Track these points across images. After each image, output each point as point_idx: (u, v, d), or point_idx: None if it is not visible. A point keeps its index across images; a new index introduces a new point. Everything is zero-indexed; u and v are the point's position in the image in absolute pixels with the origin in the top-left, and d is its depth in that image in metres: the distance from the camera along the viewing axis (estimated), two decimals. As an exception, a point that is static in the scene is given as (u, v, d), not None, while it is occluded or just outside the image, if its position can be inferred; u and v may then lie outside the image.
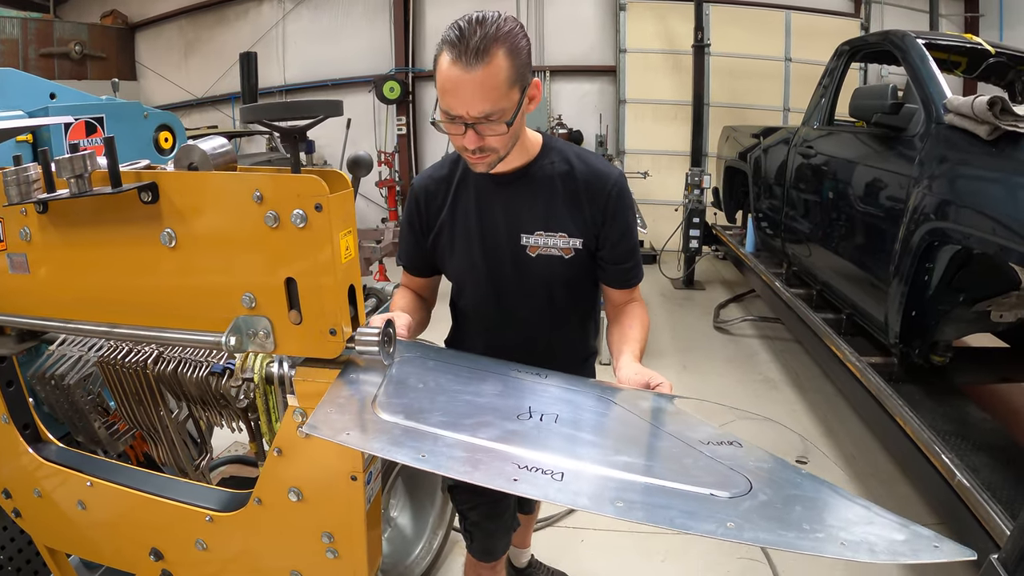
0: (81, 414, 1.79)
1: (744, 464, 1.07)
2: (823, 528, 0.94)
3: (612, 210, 1.63)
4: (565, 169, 1.63)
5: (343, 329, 1.17)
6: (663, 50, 8.70)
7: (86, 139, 2.58)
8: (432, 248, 1.74)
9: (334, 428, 1.07)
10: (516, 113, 1.42)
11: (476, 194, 1.66)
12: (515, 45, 1.37)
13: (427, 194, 1.70)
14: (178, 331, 1.27)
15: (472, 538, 1.96)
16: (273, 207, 1.12)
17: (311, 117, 1.28)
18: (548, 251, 1.64)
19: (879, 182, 3.22)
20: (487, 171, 1.55)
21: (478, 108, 1.38)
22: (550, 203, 1.63)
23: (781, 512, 0.96)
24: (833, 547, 0.90)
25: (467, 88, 1.35)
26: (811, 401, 4.40)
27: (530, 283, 1.69)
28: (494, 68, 1.34)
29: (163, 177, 1.20)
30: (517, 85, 1.40)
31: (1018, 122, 2.23)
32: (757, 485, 1.00)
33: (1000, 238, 2.17)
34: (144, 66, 10.82)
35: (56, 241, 1.33)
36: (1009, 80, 3.94)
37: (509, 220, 1.65)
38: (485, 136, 1.43)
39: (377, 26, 9.59)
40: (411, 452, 1.02)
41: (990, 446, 2.47)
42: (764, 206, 5.33)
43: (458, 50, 1.34)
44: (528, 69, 1.43)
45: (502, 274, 1.69)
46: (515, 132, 1.49)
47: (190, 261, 1.22)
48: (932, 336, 2.90)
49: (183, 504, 1.45)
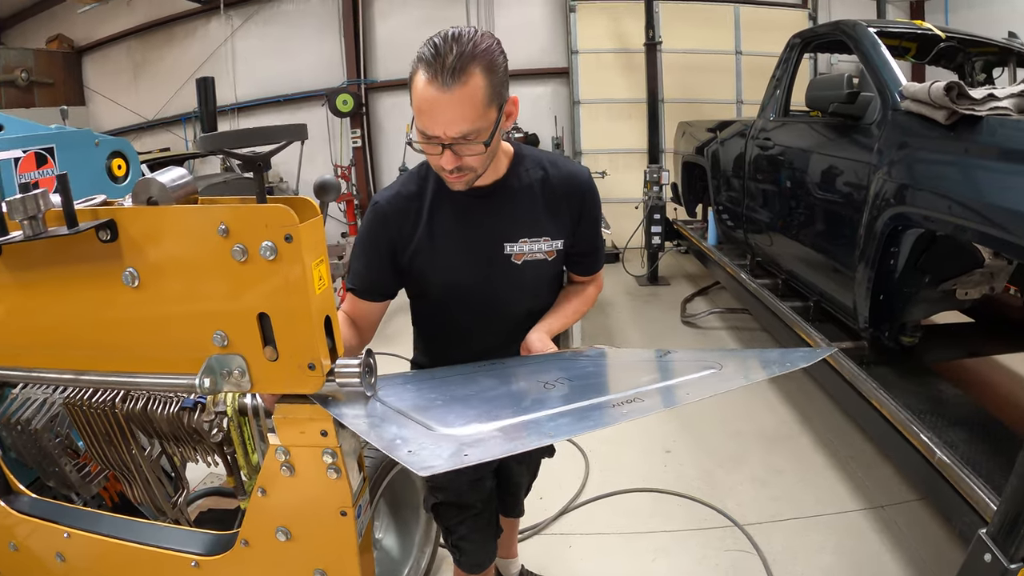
0: (50, 458, 1.73)
1: (697, 357, 1.44)
2: (759, 369, 1.48)
3: (587, 207, 1.72)
4: (541, 175, 1.66)
5: (322, 363, 1.13)
6: (615, 49, 8.73)
7: (36, 171, 2.50)
8: (406, 268, 1.67)
9: (433, 459, 0.99)
10: (494, 132, 1.41)
11: (455, 209, 1.63)
12: (492, 62, 1.36)
13: (398, 213, 1.64)
14: (149, 375, 1.22)
15: (461, 552, 1.96)
16: (240, 240, 1.08)
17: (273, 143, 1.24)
18: (533, 256, 1.67)
19: (839, 170, 3.26)
20: (465, 188, 1.53)
21: (455, 129, 1.36)
22: (531, 210, 1.65)
23: (741, 371, 1.40)
24: (776, 368, 1.40)
25: (444, 109, 1.33)
26: (784, 389, 4.45)
27: (516, 291, 1.72)
28: (471, 88, 1.32)
29: (121, 213, 1.15)
30: (495, 104, 1.39)
31: (975, 106, 2.27)
32: (721, 363, 1.36)
33: (963, 220, 2.20)
34: (93, 90, 10.56)
35: (11, 285, 1.26)
36: (958, 63, 4.03)
37: (492, 231, 1.64)
38: (463, 156, 1.42)
39: (327, 39, 9.49)
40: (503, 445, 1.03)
41: (965, 421, 2.51)
42: (724, 199, 5.37)
43: (434, 69, 1.32)
44: (505, 86, 1.42)
45: (489, 285, 1.69)
46: (493, 150, 1.48)
47: (155, 301, 1.17)
48: (900, 318, 2.94)
49: (167, 551, 1.40)
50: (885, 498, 3.19)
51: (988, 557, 1.63)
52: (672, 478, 3.49)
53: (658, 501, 3.31)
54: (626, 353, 1.60)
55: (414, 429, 1.08)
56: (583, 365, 1.54)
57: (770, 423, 4.04)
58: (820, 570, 2.74)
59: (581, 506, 3.31)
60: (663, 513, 3.21)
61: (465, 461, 0.96)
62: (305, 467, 1.22)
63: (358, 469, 1.28)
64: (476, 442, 1.03)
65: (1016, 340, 3.38)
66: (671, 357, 1.54)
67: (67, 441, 1.76)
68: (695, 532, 3.05)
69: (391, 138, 9.63)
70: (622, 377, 1.48)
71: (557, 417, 1.12)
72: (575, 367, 1.51)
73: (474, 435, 1.06)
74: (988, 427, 2.46)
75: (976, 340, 3.50)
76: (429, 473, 0.94)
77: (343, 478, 1.21)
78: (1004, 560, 1.60)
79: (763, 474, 3.49)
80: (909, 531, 2.92)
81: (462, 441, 1.03)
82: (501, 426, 1.09)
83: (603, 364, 1.57)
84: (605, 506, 3.31)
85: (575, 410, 1.15)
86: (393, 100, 9.58)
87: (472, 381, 1.45)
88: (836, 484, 3.36)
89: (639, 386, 1.28)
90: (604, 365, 1.57)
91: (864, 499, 3.20)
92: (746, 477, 3.47)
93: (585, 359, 1.60)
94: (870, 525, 3.00)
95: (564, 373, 1.41)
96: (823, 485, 3.36)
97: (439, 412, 1.17)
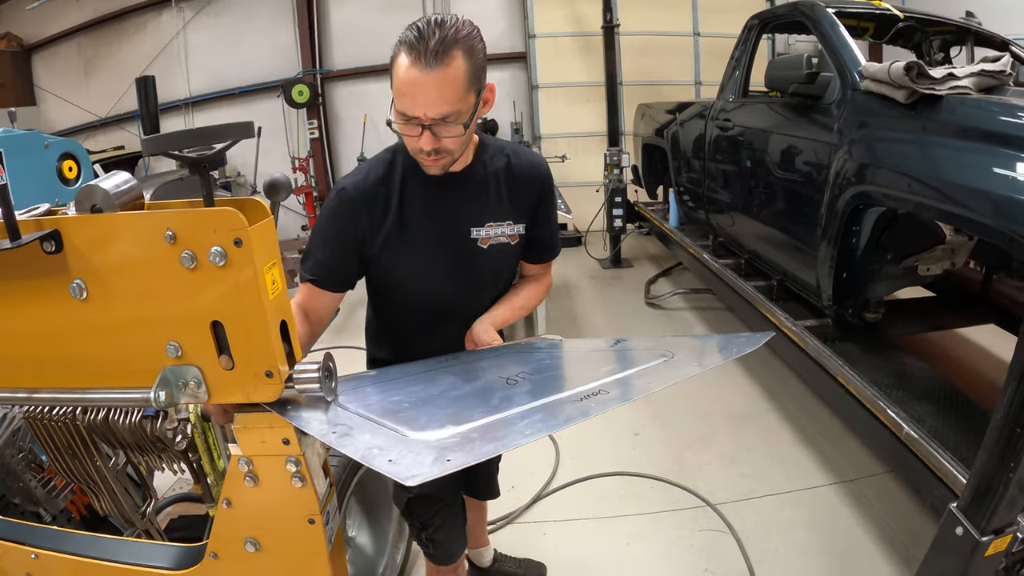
0: (14, 475, 1.68)
1: (649, 346, 1.51)
2: (710, 355, 1.54)
3: (544, 194, 1.80)
4: (504, 163, 1.73)
5: (279, 369, 1.10)
6: (572, 33, 8.69)
7: (-16, 177, 2.41)
8: (375, 255, 1.66)
9: (417, 467, 0.97)
10: (472, 115, 1.46)
11: (424, 194, 1.64)
12: (472, 48, 1.40)
13: (367, 200, 1.61)
14: (103, 391, 1.18)
15: (435, 545, 1.97)
16: (188, 246, 1.04)
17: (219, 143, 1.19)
18: (498, 239, 1.73)
19: (800, 150, 3.28)
20: (440, 173, 1.57)
21: (436, 109, 1.39)
22: (496, 195, 1.71)
23: (694, 358, 1.43)
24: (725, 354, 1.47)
25: (425, 90, 1.37)
26: (750, 367, 4.49)
27: (482, 273, 1.77)
28: (453, 70, 1.36)
29: (65, 223, 1.10)
30: (473, 88, 1.43)
31: (935, 85, 2.29)
32: (672, 351, 1.41)
33: (924, 198, 2.22)
34: (43, 89, 10.23)
35: (-47, 302, 1.21)
36: (916, 43, 4.07)
37: (460, 216, 1.69)
38: (441, 138, 1.45)
39: (282, 29, 9.29)
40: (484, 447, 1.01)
41: (931, 394, 2.55)
42: (685, 180, 5.40)
43: (417, 51, 1.35)
44: (483, 72, 1.46)
45: (458, 269, 1.73)
46: (470, 134, 1.53)
47: (105, 313, 1.12)
48: (864, 295, 2.98)
49: (135, 567, 1.37)
50: (854, 472, 3.24)
51: (960, 530, 1.66)
52: (642, 461, 3.51)
53: (630, 484, 3.33)
54: (580, 343, 1.60)
55: (387, 436, 1.06)
56: (540, 358, 1.55)
57: (737, 402, 4.08)
58: (793, 546, 2.78)
59: (553, 493, 3.31)
60: (635, 496, 3.23)
61: (448, 467, 0.95)
62: (269, 477, 1.20)
63: (324, 475, 1.25)
64: (456, 446, 1.01)
65: (977, 313, 3.46)
66: (625, 346, 1.56)
67: (30, 456, 1.71)
68: (668, 514, 3.07)
69: (349, 128, 9.50)
70: (581, 369, 1.48)
71: (530, 414, 1.11)
72: (533, 360, 1.52)
73: (452, 438, 1.04)
74: (954, 400, 2.51)
75: (938, 314, 3.57)
76: (416, 482, 0.92)
77: (308, 486, 1.19)
78: (975, 533, 1.62)
79: (732, 453, 3.53)
80: (879, 504, 2.98)
81: (442, 446, 1.02)
82: (476, 427, 1.08)
83: (560, 357, 1.57)
84: (577, 492, 3.32)
85: (545, 406, 1.15)
86: (350, 89, 9.44)
87: (432, 380, 1.44)
88: (805, 460, 3.40)
89: (600, 377, 1.29)
90: (561, 358, 1.57)
91: (834, 473, 3.25)
92: (715, 457, 3.50)
93: (541, 352, 1.61)
94: (840, 499, 3.05)
95: (524, 367, 1.42)
96: (792, 461, 3.40)
97: (409, 415, 1.14)
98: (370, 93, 9.28)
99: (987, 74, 2.36)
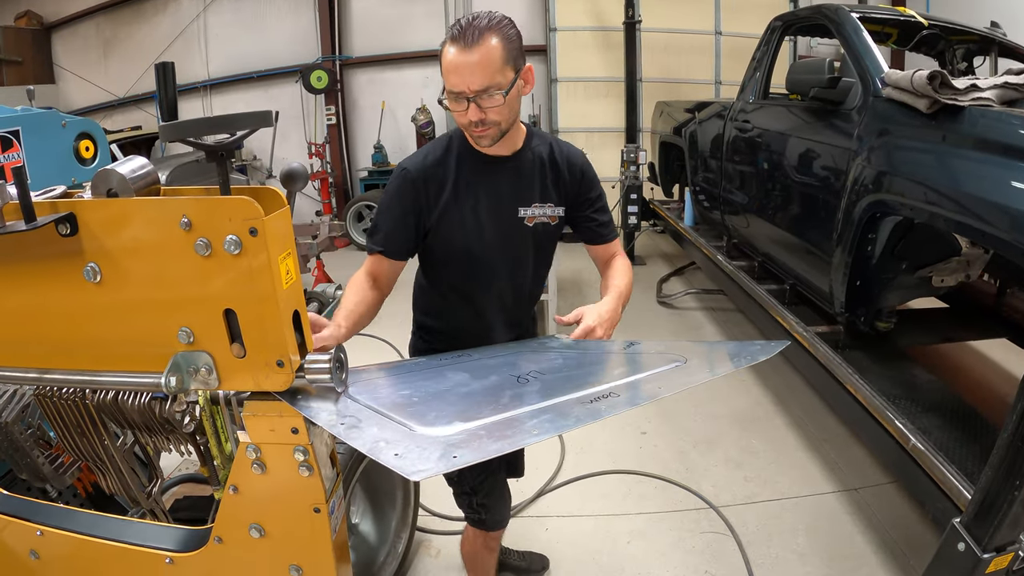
0: (22, 451, 1.69)
1: (661, 350, 1.55)
2: (722, 363, 1.54)
3: (588, 179, 1.99)
4: (548, 152, 1.91)
5: (290, 359, 1.10)
6: (593, 27, 8.66)
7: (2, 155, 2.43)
8: (432, 228, 1.84)
9: (423, 462, 0.98)
10: (510, 87, 1.61)
11: (477, 175, 1.83)
12: (506, 33, 1.60)
13: (427, 177, 1.80)
14: (114, 374, 1.19)
15: (486, 510, 2.13)
16: (204, 234, 1.04)
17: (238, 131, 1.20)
18: (541, 219, 1.91)
19: (818, 155, 3.26)
20: (490, 144, 1.74)
21: (477, 82, 1.57)
22: (541, 179, 1.90)
23: (706, 364, 1.45)
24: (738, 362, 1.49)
25: (466, 66, 1.56)
26: (760, 371, 4.47)
27: (526, 249, 1.95)
28: (488, 48, 1.56)
29: (81, 206, 1.11)
30: (511, 65, 1.61)
31: (957, 96, 2.26)
32: (685, 356, 1.42)
33: (941, 208, 2.20)
34: (62, 68, 10.29)
35: (-32, 281, 1.22)
36: (940, 51, 4.03)
37: (510, 195, 1.87)
38: (485, 108, 1.62)
39: (302, 14, 9.31)
40: (490, 445, 1.02)
41: (939, 407, 2.54)
42: (701, 180, 5.37)
43: (458, 38, 1.57)
44: (520, 55, 1.65)
45: (505, 243, 1.89)
46: (512, 107, 1.69)
47: (118, 297, 1.13)
48: (876, 303, 2.96)
49: (141, 548, 1.38)
50: (858, 480, 3.23)
51: (962, 546, 1.65)
52: (647, 460, 3.51)
53: (633, 483, 3.33)
54: (592, 344, 1.61)
55: (396, 430, 1.06)
56: (552, 358, 1.56)
57: (745, 405, 4.08)
58: (794, 551, 2.78)
59: (557, 488, 3.32)
60: (638, 495, 3.23)
61: (454, 464, 0.96)
62: (276, 465, 1.20)
63: (331, 465, 1.25)
64: (463, 443, 1.02)
65: (989, 327, 3.43)
66: (637, 349, 1.56)
67: (39, 432, 1.72)
68: (670, 514, 3.07)
69: (366, 115, 9.51)
70: (593, 371, 1.48)
71: (538, 414, 1.11)
72: (545, 360, 1.53)
73: (459, 435, 1.04)
74: (961, 414, 2.49)
75: (950, 326, 3.54)
76: (420, 478, 0.94)
77: (315, 475, 1.19)
78: (977, 549, 1.62)
79: (738, 456, 3.52)
80: (882, 514, 2.97)
81: (449, 442, 1.02)
82: (484, 424, 1.08)
83: (572, 357, 1.57)
84: (581, 488, 3.33)
85: (553, 406, 1.15)
86: (368, 76, 9.45)
87: (443, 376, 1.44)
88: (810, 466, 3.40)
89: (612, 380, 1.30)
90: (573, 358, 1.57)
91: (838, 481, 3.24)
92: (721, 459, 3.50)
93: (553, 352, 1.62)
94: (843, 507, 3.04)
95: (534, 367, 1.43)
96: (797, 467, 3.39)
97: (418, 410, 1.15)
98: (389, 81, 9.29)
99: (1010, 87, 2.33)
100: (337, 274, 5.76)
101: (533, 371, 1.37)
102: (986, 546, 1.62)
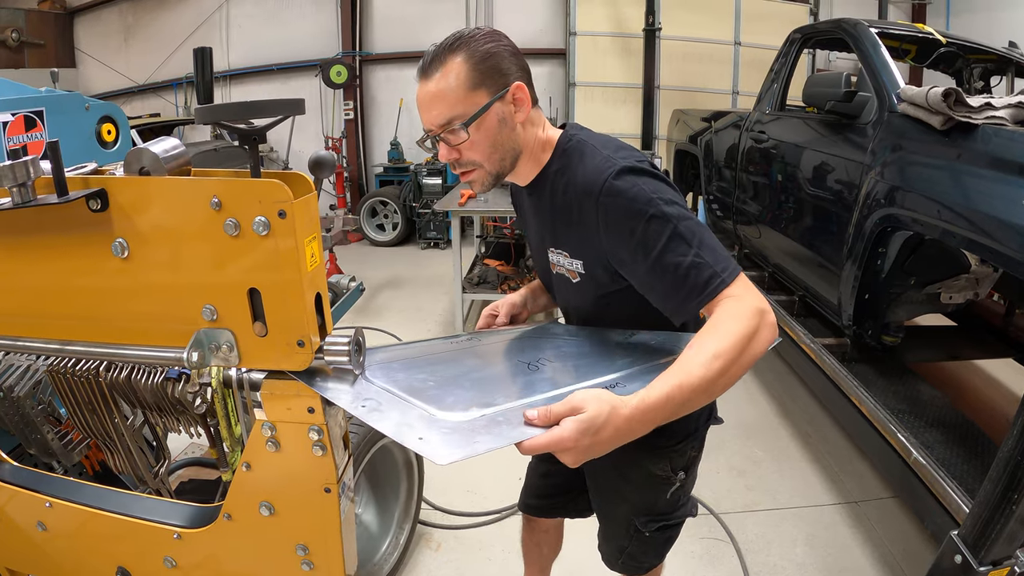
0: (32, 426, 1.71)
1: (660, 341, 1.45)
2: None
3: (605, 223, 1.31)
4: (565, 177, 1.41)
5: (311, 340, 1.13)
6: (613, 33, 8.67)
7: (25, 134, 2.47)
8: None
9: (446, 447, 0.98)
10: (477, 115, 1.32)
11: (520, 201, 1.68)
12: (476, 50, 1.31)
13: (513, 195, 1.75)
14: (136, 347, 1.21)
15: None
16: (233, 214, 1.07)
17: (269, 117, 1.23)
18: (560, 270, 1.54)
19: (832, 168, 3.27)
20: (484, 192, 1.46)
21: (436, 116, 1.33)
22: (554, 217, 1.46)
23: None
24: None
25: (425, 97, 1.33)
26: (765, 381, 4.49)
27: (574, 298, 1.58)
28: (447, 72, 1.30)
29: (113, 183, 1.13)
30: (481, 89, 1.31)
31: (971, 114, 2.28)
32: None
33: (952, 225, 2.22)
34: (84, 52, 10.38)
35: (-1, 252, 1.25)
36: (957, 69, 4.04)
37: (537, 233, 1.60)
38: (453, 145, 1.35)
39: (324, 8, 9.38)
40: (510, 432, 1.03)
41: (942, 423, 2.55)
42: (715, 189, 5.38)
43: (420, 68, 1.34)
44: (498, 73, 1.33)
45: (556, 287, 1.66)
46: (496, 140, 1.36)
47: (145, 272, 1.15)
48: (884, 318, 2.97)
49: (149, 522, 1.40)
50: (859, 493, 3.24)
51: (958, 558, 1.67)
52: (651, 465, 3.52)
53: (636, 488, 3.34)
54: (594, 332, 1.59)
55: (416, 414, 1.08)
56: (558, 345, 1.55)
57: (749, 413, 4.09)
58: (792, 561, 2.79)
59: (559, 490, 3.32)
60: (640, 499, 3.24)
61: (476, 449, 0.97)
62: (290, 443, 1.22)
63: (343, 447, 1.28)
64: (483, 428, 1.04)
65: (996, 346, 3.44)
66: (641, 338, 1.50)
67: (49, 408, 1.74)
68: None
69: (384, 111, 9.57)
70: (599, 360, 1.44)
71: (552, 401, 1.12)
72: (551, 347, 1.53)
73: (479, 420, 1.06)
74: (964, 430, 2.50)
75: (957, 344, 3.55)
76: (447, 462, 0.93)
77: (328, 455, 1.21)
78: (974, 562, 1.63)
79: (740, 464, 3.53)
80: (881, 527, 2.98)
81: (471, 427, 1.04)
82: (502, 410, 1.09)
83: (577, 344, 1.58)
84: (582, 491, 3.33)
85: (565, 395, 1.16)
86: (387, 73, 9.51)
87: (455, 360, 1.45)
88: (812, 477, 3.41)
89: (618, 370, 1.30)
90: (578, 345, 1.57)
91: (839, 493, 3.25)
92: (723, 466, 3.51)
93: (559, 339, 1.59)
94: (843, 519, 3.05)
95: (543, 353, 1.43)
96: (799, 477, 3.41)
97: (435, 395, 1.16)
98: (407, 78, 9.33)
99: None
100: (350, 268, 5.79)
101: (542, 358, 1.38)
102: (982, 559, 1.63)
